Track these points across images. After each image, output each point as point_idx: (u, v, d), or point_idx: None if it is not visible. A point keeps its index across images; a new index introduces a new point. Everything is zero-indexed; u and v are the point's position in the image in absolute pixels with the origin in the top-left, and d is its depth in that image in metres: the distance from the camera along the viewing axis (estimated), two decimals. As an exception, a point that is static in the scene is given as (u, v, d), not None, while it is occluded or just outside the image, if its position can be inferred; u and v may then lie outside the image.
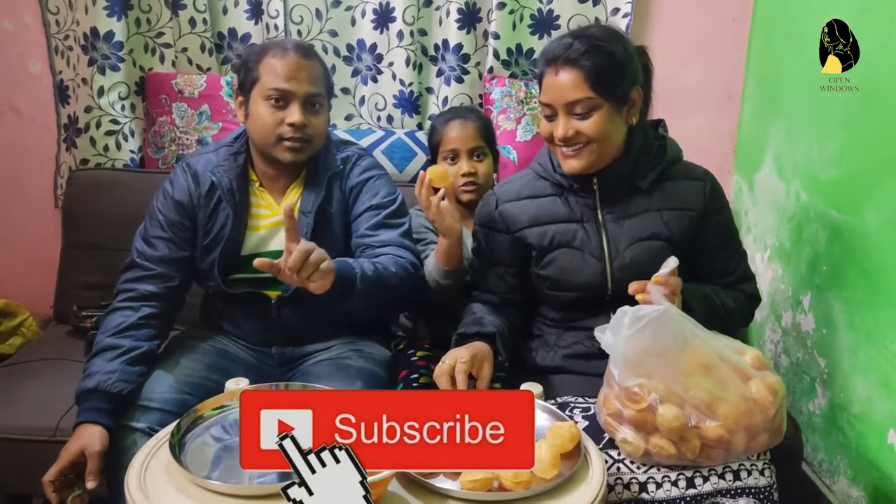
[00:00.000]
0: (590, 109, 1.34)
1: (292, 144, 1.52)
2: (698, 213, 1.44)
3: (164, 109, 2.20)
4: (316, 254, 1.26)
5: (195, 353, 1.57)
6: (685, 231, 1.43)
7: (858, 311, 1.60)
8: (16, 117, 2.28)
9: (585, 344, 1.45)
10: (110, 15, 2.12)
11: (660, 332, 1.15)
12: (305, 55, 1.54)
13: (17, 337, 2.19)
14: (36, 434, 1.61)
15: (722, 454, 1.17)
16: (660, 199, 1.44)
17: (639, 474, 1.21)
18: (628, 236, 1.42)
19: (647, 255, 1.40)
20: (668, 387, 1.14)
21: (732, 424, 1.14)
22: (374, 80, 2.27)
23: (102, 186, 2.11)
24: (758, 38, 2.19)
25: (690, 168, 1.49)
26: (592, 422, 1.27)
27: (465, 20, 2.19)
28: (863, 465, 1.60)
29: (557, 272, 1.44)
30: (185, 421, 1.20)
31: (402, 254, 1.52)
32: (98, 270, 2.06)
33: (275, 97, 1.50)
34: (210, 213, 1.55)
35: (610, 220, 1.44)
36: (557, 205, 1.46)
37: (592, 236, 1.43)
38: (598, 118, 1.35)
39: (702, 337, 1.18)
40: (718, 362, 1.17)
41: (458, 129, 1.73)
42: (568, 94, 1.34)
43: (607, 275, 1.42)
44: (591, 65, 1.32)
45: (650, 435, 1.17)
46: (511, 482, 1.03)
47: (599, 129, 1.35)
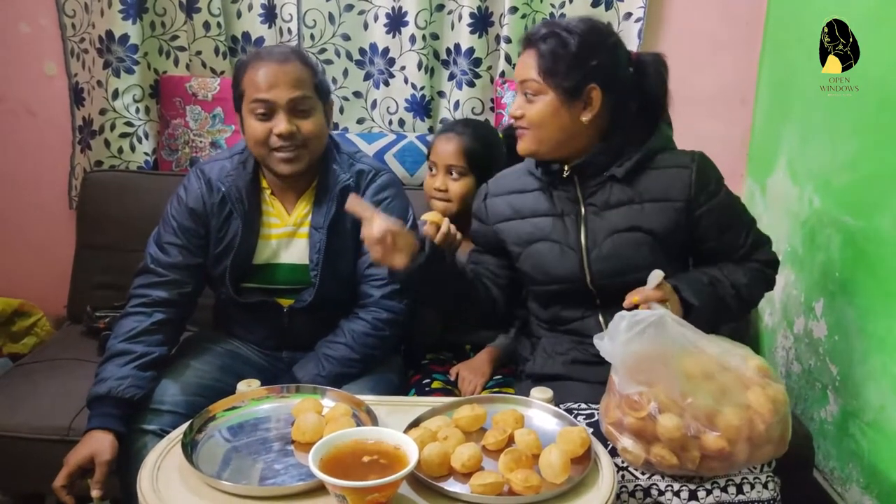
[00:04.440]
0: (536, 93, 1.37)
1: (285, 155, 1.49)
2: (685, 202, 1.39)
3: (178, 112, 2.22)
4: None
5: (207, 355, 1.58)
6: (670, 223, 1.39)
7: (871, 318, 1.59)
8: (31, 119, 2.30)
9: (580, 350, 1.45)
10: (125, 18, 2.13)
11: (658, 336, 1.14)
12: (283, 60, 1.49)
13: (31, 337, 2.21)
14: (49, 433, 1.62)
15: (724, 466, 1.16)
16: (640, 191, 1.41)
17: (642, 480, 1.20)
18: (607, 228, 1.41)
19: (625, 247, 1.40)
20: (668, 395, 1.13)
21: (734, 435, 1.12)
22: (385, 84, 2.27)
23: (116, 188, 2.13)
24: (770, 42, 2.19)
25: (677, 156, 1.43)
26: (596, 429, 1.25)
27: (477, 24, 2.19)
28: (875, 473, 1.59)
29: (536, 264, 1.46)
30: (198, 421, 1.20)
31: (381, 315, 1.56)
32: (112, 271, 2.07)
33: (259, 110, 1.48)
34: (222, 221, 1.55)
35: (591, 213, 1.43)
36: (540, 199, 1.47)
37: (571, 229, 1.43)
38: (540, 105, 1.37)
39: (700, 344, 1.16)
40: (718, 370, 1.15)
41: (443, 144, 1.75)
42: (521, 72, 1.39)
43: (585, 266, 1.42)
44: (545, 49, 1.35)
45: (651, 444, 1.15)
46: (521, 487, 1.03)
47: (538, 115, 1.37)
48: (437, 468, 1.07)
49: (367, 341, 1.55)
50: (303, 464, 1.11)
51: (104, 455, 1.33)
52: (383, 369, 1.60)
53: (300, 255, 1.58)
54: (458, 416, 1.20)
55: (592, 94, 1.36)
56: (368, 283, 1.58)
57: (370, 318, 1.56)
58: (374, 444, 1.05)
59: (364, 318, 1.56)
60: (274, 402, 1.29)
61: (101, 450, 1.33)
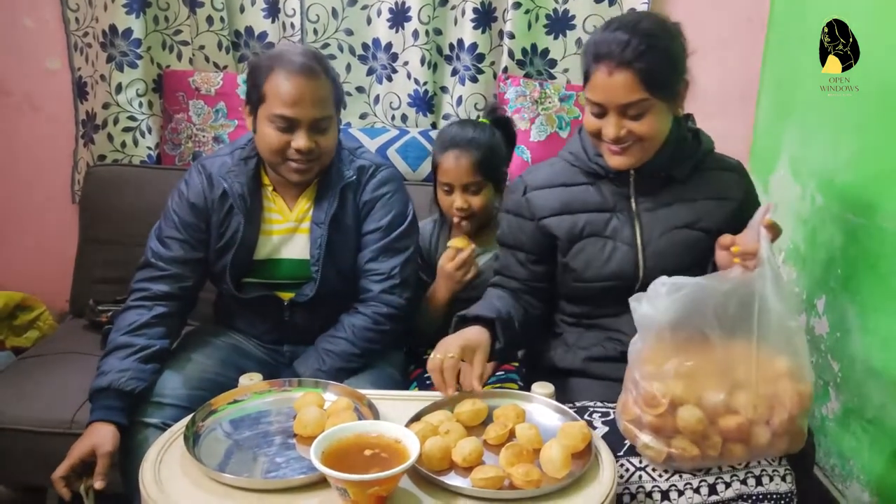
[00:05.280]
0: (644, 111, 1.30)
1: (298, 166, 1.50)
2: (739, 203, 1.42)
3: (181, 106, 2.22)
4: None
5: (208, 348, 1.58)
6: (723, 221, 1.39)
7: (873, 316, 1.59)
8: (34, 113, 2.30)
9: (605, 346, 1.44)
10: (129, 12, 2.13)
11: (697, 304, 1.13)
12: (311, 75, 1.47)
13: (34, 330, 2.22)
14: (52, 427, 1.63)
15: (743, 449, 1.15)
16: (695, 189, 1.42)
17: (661, 482, 1.19)
18: (663, 224, 1.40)
19: (681, 244, 1.39)
20: (686, 385, 1.13)
21: (752, 413, 1.12)
22: (388, 79, 2.27)
23: (119, 182, 2.13)
24: (774, 40, 2.18)
25: (723, 159, 1.48)
26: (612, 427, 1.25)
27: (480, 20, 2.19)
28: (876, 470, 1.59)
29: (586, 261, 1.42)
30: (200, 414, 1.21)
31: (381, 309, 1.56)
32: (114, 265, 2.08)
33: (280, 123, 1.47)
34: (223, 216, 1.56)
35: (644, 210, 1.42)
36: (590, 193, 1.44)
37: (625, 225, 1.41)
38: (651, 118, 1.31)
39: (746, 327, 1.15)
40: (753, 354, 1.14)
41: (453, 164, 1.67)
42: (622, 96, 1.29)
43: (639, 263, 1.40)
44: (648, 67, 1.27)
45: (671, 438, 1.15)
46: (522, 481, 1.03)
47: (652, 128, 1.32)
48: (438, 462, 1.07)
49: (368, 336, 1.55)
50: (304, 457, 1.11)
51: (105, 447, 1.33)
52: (384, 364, 1.60)
53: (301, 250, 1.58)
54: (460, 411, 1.20)
55: (682, 87, 1.36)
56: (368, 277, 1.58)
57: (370, 313, 1.56)
58: (375, 438, 1.06)
59: (364, 313, 1.56)
60: (276, 395, 1.30)
61: (103, 441, 1.34)
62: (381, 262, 1.58)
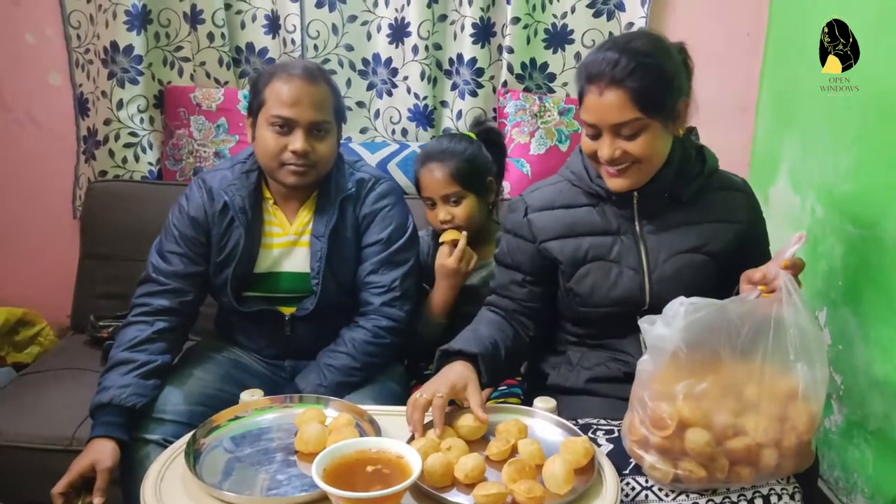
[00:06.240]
0: (638, 130, 1.28)
1: (295, 169, 1.50)
2: (744, 225, 1.40)
3: (182, 122, 2.23)
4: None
5: (209, 364, 1.58)
6: (729, 244, 1.37)
7: (875, 327, 1.58)
8: (36, 129, 2.31)
9: (610, 366, 1.41)
10: (130, 29, 2.15)
11: (715, 326, 1.11)
12: (311, 80, 1.50)
13: (35, 346, 2.22)
14: (52, 443, 1.63)
15: (751, 472, 1.13)
16: (700, 212, 1.39)
17: (668, 502, 1.17)
18: (668, 248, 1.37)
19: (687, 268, 1.36)
20: (694, 407, 1.11)
21: (761, 437, 1.10)
22: (388, 94, 2.28)
23: (120, 198, 2.14)
24: (772, 52, 2.19)
25: (728, 178, 1.44)
26: (617, 445, 1.23)
27: (479, 35, 2.20)
28: (880, 483, 1.58)
29: (591, 286, 1.38)
30: (202, 431, 1.20)
31: (381, 322, 1.56)
32: (115, 281, 2.08)
33: (278, 124, 1.48)
34: (224, 230, 1.56)
35: (649, 232, 1.38)
36: (593, 216, 1.40)
37: (630, 249, 1.38)
38: (645, 138, 1.28)
39: (760, 349, 1.13)
40: (765, 377, 1.13)
41: (429, 177, 1.67)
42: (614, 116, 1.27)
43: (645, 288, 1.37)
44: (639, 85, 1.24)
45: (678, 460, 1.13)
46: (524, 497, 1.03)
47: (647, 149, 1.29)
48: (440, 479, 1.07)
49: (368, 349, 1.55)
50: (306, 474, 1.11)
51: (105, 462, 1.33)
52: (385, 378, 1.60)
53: (301, 263, 1.59)
54: (460, 425, 1.20)
55: (682, 107, 1.33)
56: (369, 290, 1.58)
57: (370, 326, 1.56)
58: (376, 454, 1.05)
59: (364, 327, 1.56)
60: (277, 412, 1.29)
61: (103, 457, 1.33)
62: (381, 275, 1.58)
